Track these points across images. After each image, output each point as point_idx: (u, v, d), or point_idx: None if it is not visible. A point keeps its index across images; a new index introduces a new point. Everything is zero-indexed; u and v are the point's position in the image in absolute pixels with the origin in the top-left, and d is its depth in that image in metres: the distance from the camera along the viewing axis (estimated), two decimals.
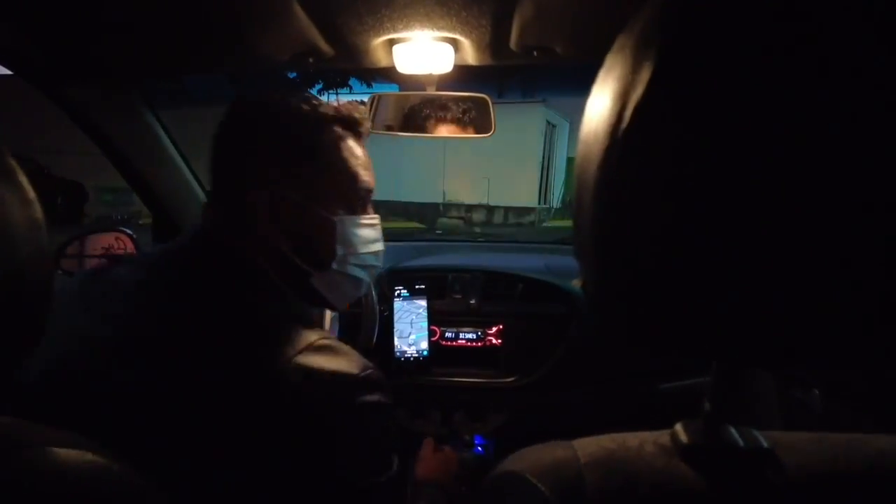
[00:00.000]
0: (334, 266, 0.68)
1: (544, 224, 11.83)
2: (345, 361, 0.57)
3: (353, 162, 0.68)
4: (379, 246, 0.75)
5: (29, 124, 7.54)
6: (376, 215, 0.74)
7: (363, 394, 0.56)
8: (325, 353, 0.57)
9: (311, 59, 0.92)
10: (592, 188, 0.28)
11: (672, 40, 0.25)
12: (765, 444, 0.33)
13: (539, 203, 12.04)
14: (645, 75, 0.25)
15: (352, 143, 0.68)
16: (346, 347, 0.60)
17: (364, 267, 0.72)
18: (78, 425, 0.37)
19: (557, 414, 1.35)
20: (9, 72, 0.87)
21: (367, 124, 0.72)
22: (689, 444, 0.34)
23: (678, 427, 0.35)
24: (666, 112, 0.25)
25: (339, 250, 0.68)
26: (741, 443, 0.33)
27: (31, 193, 0.33)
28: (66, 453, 0.33)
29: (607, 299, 0.29)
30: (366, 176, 0.70)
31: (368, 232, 0.72)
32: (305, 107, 0.65)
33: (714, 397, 0.33)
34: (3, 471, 0.30)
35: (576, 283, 0.38)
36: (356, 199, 0.69)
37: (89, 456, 0.34)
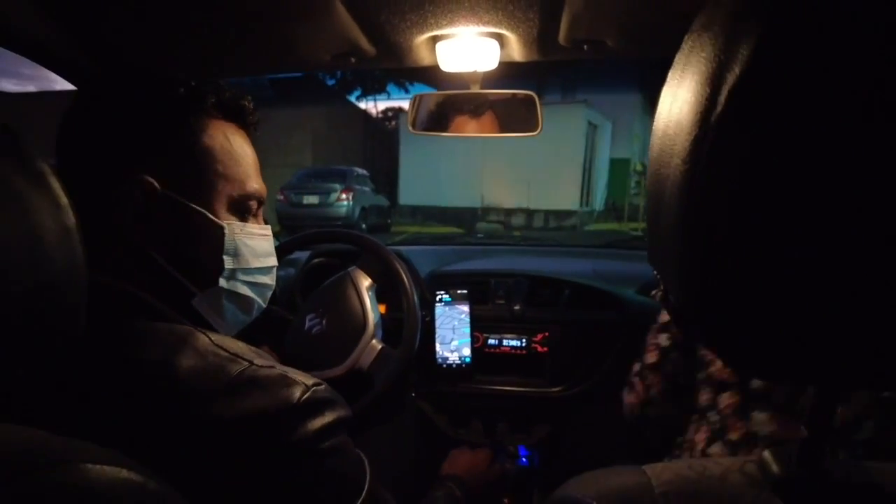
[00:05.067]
0: (221, 283, 0.57)
1: (586, 228, 11.58)
2: (275, 390, 0.48)
3: (240, 160, 0.58)
4: (273, 261, 0.64)
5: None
6: (268, 226, 0.64)
7: (307, 421, 0.49)
8: (248, 388, 0.48)
9: (352, 60, 0.91)
10: (676, 186, 0.24)
11: (780, 3, 0.20)
12: (873, 479, 0.28)
13: (581, 206, 11.79)
14: (744, 50, 0.21)
15: (238, 140, 0.59)
16: (271, 370, 0.50)
17: (256, 285, 0.62)
18: None
19: (605, 427, 1.29)
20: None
21: (255, 118, 0.62)
22: (782, 475, 0.29)
23: (767, 455, 0.30)
24: (773, 90, 0.20)
25: (228, 262, 0.57)
26: (843, 476, 0.28)
27: (64, 199, 0.31)
28: (100, 470, 0.31)
29: (696, 315, 0.25)
30: (255, 181, 0.60)
31: (261, 243, 0.62)
32: (180, 89, 0.56)
33: (813, 422, 0.29)
34: (35, 487, 0.28)
35: (655, 295, 0.34)
36: (243, 206, 0.59)
37: (124, 473, 0.32)
